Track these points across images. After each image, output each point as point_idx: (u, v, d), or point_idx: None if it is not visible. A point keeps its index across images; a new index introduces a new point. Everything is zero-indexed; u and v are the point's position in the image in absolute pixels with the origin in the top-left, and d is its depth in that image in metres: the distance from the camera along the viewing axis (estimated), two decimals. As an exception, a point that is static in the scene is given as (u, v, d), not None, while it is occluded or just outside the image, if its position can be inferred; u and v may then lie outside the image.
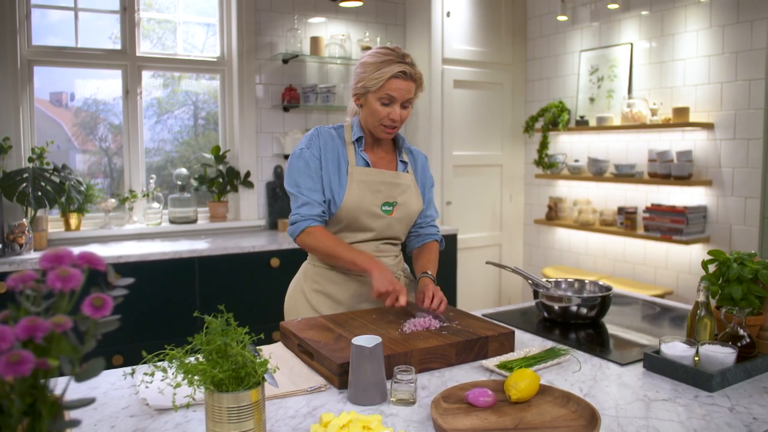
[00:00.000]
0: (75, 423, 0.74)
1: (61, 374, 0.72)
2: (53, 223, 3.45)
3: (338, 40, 4.03)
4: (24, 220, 3.07)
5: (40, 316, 0.70)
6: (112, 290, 0.77)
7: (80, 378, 0.74)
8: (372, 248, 1.89)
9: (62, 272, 0.68)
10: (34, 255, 2.99)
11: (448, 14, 4.22)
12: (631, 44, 3.90)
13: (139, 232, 3.58)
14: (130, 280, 0.79)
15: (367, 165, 1.87)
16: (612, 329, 1.84)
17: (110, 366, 2.66)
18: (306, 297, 1.91)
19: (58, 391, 0.74)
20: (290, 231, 1.83)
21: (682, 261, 3.70)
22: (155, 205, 3.67)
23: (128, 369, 1.25)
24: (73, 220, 3.42)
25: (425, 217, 2.02)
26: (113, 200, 3.55)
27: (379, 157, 1.93)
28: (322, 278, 1.90)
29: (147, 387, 1.17)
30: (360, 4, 4.00)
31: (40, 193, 3.04)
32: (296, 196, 1.82)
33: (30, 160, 3.24)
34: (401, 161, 1.95)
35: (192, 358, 1.05)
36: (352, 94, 1.87)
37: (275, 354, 1.53)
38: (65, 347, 0.68)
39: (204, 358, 1.04)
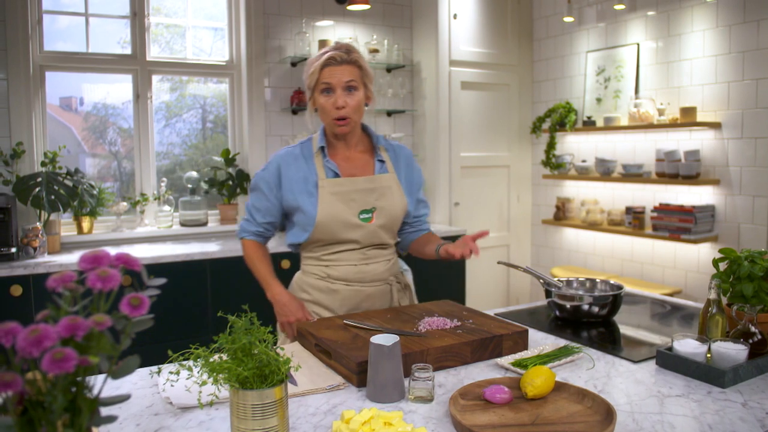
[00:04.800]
0: (112, 419, 0.77)
1: (94, 372, 0.74)
2: (66, 227, 3.48)
3: (346, 43, 4.06)
4: (38, 223, 3.11)
5: (79, 315, 0.73)
6: (146, 290, 0.80)
7: (116, 375, 0.77)
8: (358, 256, 1.85)
9: (102, 273, 0.70)
10: (48, 258, 3.03)
11: (455, 16, 4.24)
12: (638, 44, 3.91)
13: (151, 235, 3.62)
14: (162, 280, 0.82)
15: (336, 175, 1.82)
16: (623, 328, 1.86)
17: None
18: None
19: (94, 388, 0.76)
20: (237, 233, 2.02)
21: (691, 260, 3.71)
22: (166, 208, 3.70)
23: (154, 368, 1.28)
24: (86, 223, 3.46)
25: (418, 216, 1.99)
26: (125, 203, 3.58)
27: (351, 160, 1.87)
28: (311, 288, 1.92)
29: (173, 386, 1.20)
30: (367, 7, 4.02)
31: (53, 197, 3.08)
32: (246, 209, 1.96)
33: (43, 164, 3.28)
34: (378, 160, 1.89)
35: (216, 357, 1.08)
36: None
37: (293, 353, 1.55)
38: (105, 345, 0.70)
39: (228, 356, 1.07)
